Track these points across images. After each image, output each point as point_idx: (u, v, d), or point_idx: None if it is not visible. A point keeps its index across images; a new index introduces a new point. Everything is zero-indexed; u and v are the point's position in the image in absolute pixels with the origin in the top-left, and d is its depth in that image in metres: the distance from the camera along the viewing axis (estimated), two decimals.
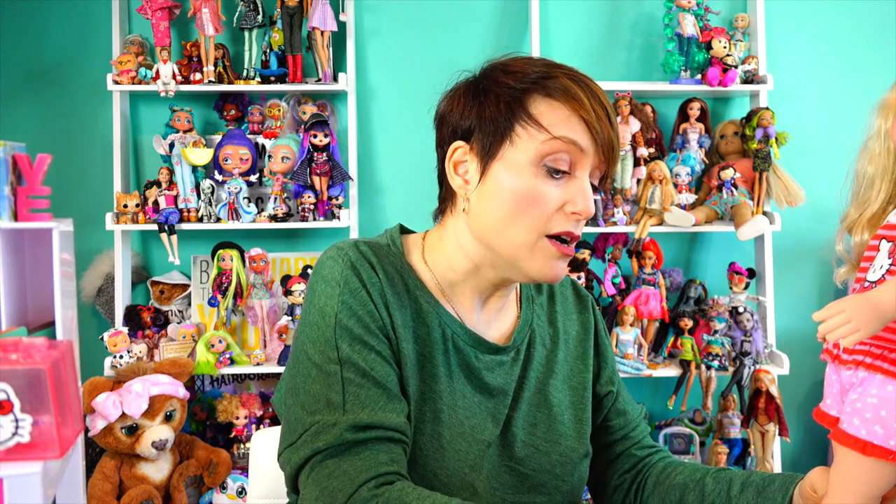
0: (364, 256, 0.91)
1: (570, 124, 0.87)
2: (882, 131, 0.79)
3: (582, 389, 1.04)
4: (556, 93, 0.88)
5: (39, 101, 2.42)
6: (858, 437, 0.70)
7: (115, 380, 1.97)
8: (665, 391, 2.52)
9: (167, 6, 2.25)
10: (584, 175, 0.89)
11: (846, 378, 0.74)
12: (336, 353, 0.86)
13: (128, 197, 2.24)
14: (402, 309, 0.91)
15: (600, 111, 0.88)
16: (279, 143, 2.28)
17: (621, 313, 2.28)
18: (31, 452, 0.47)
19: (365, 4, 2.45)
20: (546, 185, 0.87)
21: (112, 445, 1.92)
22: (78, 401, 0.64)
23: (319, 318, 0.88)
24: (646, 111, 2.32)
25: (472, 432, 0.92)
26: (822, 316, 0.69)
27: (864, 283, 0.75)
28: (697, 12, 2.33)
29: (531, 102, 0.88)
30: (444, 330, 0.94)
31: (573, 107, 0.87)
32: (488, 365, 0.96)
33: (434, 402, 0.91)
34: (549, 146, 0.87)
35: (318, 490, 0.80)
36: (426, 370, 0.91)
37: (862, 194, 0.82)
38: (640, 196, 2.31)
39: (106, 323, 2.38)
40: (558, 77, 0.89)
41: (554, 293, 1.09)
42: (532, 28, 2.39)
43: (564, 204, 0.87)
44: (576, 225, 0.89)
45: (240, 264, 2.25)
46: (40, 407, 0.48)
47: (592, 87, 0.90)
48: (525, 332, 1.02)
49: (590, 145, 0.88)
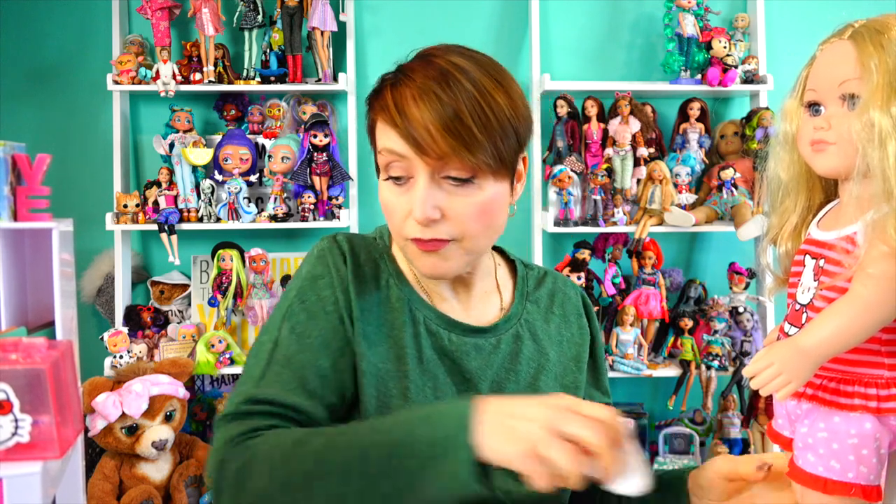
0: (338, 246, 0.98)
1: (386, 132, 0.88)
2: (790, 138, 0.77)
3: (574, 389, 1.03)
4: (378, 108, 0.90)
5: (39, 101, 2.42)
6: (816, 474, 0.68)
7: (115, 380, 1.97)
8: (665, 391, 2.51)
9: (167, 6, 2.25)
10: (419, 179, 0.87)
11: (791, 408, 0.73)
12: (276, 335, 0.91)
13: (128, 197, 2.24)
14: (365, 295, 0.95)
15: (416, 111, 0.85)
16: (279, 143, 2.28)
17: (621, 313, 2.28)
18: (31, 452, 0.47)
19: (365, 4, 2.45)
20: (393, 194, 0.90)
21: (112, 445, 1.92)
22: (78, 401, 0.64)
23: (282, 301, 0.96)
24: (646, 111, 2.31)
25: None
26: (752, 371, 0.67)
27: (795, 306, 0.73)
28: (697, 12, 2.33)
29: (376, 119, 0.91)
30: (414, 314, 0.96)
31: (383, 117, 0.88)
32: (464, 348, 0.97)
33: (401, 380, 0.92)
34: (381, 159, 0.90)
35: (210, 450, 0.87)
36: (395, 352, 0.94)
37: (780, 204, 0.80)
38: (640, 196, 2.31)
39: (106, 323, 2.38)
40: (382, 86, 0.90)
41: (555, 293, 1.09)
42: (532, 28, 2.39)
43: (411, 210, 0.88)
44: (422, 230, 0.88)
45: (240, 264, 2.25)
46: (40, 407, 0.48)
47: (413, 81, 0.87)
48: (512, 324, 1.02)
49: (405, 148, 0.86)
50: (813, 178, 0.77)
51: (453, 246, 0.90)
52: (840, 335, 0.64)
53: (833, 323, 0.64)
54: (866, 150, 0.66)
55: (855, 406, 0.66)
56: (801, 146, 0.74)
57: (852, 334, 0.65)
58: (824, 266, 0.69)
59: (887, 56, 0.67)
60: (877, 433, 0.66)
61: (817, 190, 0.78)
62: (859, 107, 0.67)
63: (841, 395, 0.67)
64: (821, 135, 0.70)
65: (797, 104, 0.76)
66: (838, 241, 0.68)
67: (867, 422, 0.66)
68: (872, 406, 0.66)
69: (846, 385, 0.68)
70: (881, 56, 0.67)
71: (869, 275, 0.64)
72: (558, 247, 2.53)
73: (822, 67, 0.73)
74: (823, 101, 0.71)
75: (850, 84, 0.69)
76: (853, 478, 0.67)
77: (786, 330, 0.73)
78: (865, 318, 0.64)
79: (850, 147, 0.68)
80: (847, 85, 0.69)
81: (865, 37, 0.69)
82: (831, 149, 0.70)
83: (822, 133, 0.70)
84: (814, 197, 0.78)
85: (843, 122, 0.68)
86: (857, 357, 0.67)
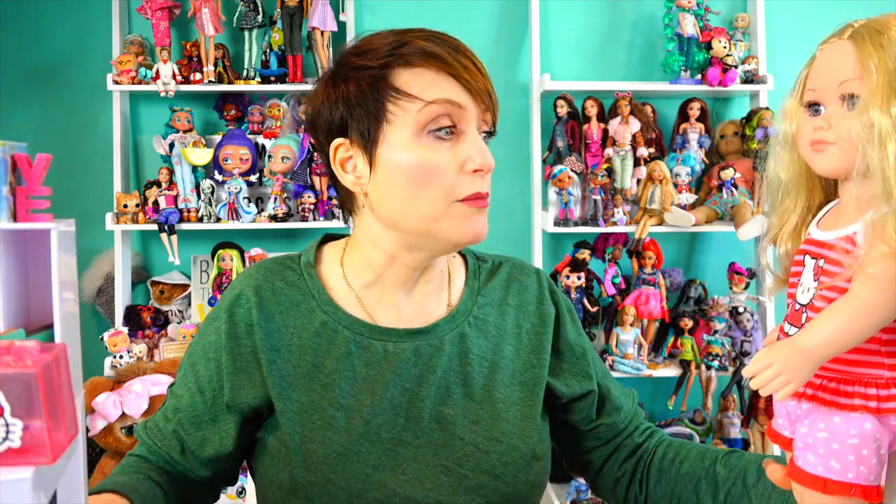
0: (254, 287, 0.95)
1: (440, 84, 0.84)
2: (790, 138, 0.76)
3: (533, 385, 0.96)
4: (415, 57, 0.85)
5: (39, 101, 2.43)
6: (816, 474, 0.67)
7: (115, 380, 1.97)
8: (665, 391, 2.51)
9: (167, 6, 2.26)
10: (472, 129, 0.86)
11: (791, 408, 0.72)
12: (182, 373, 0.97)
13: (128, 197, 2.24)
14: (278, 332, 0.92)
15: (466, 61, 0.86)
16: (279, 143, 2.28)
17: (621, 313, 2.28)
18: (22, 458, 0.47)
19: (365, 4, 2.45)
20: (437, 152, 0.84)
21: (112, 445, 1.92)
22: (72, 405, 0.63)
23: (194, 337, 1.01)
24: (646, 111, 2.31)
25: (377, 431, 0.90)
26: (752, 371, 0.66)
27: (795, 306, 0.72)
28: (697, 12, 2.33)
29: (394, 76, 0.86)
30: (342, 334, 0.92)
31: (437, 66, 0.85)
32: (403, 355, 0.92)
33: (324, 410, 0.89)
34: (426, 113, 0.84)
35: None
36: (318, 379, 0.91)
37: (780, 204, 0.78)
38: (640, 196, 2.31)
39: (106, 323, 2.39)
40: (411, 41, 0.86)
41: (510, 283, 1.02)
42: (532, 28, 2.38)
43: (463, 164, 0.85)
44: (481, 182, 0.86)
45: (240, 264, 2.26)
46: (31, 412, 0.47)
47: (450, 42, 0.88)
48: (457, 323, 0.96)
49: (467, 98, 0.85)
50: (813, 178, 0.77)
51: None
52: (840, 335, 0.65)
53: (833, 323, 0.64)
54: (866, 150, 0.66)
55: (855, 406, 0.66)
56: (800, 146, 0.74)
57: (852, 334, 0.65)
58: (824, 266, 0.69)
59: (887, 56, 0.67)
60: (877, 433, 0.66)
61: (817, 190, 0.78)
62: (859, 107, 0.67)
63: (841, 395, 0.67)
64: (820, 135, 0.70)
65: (797, 104, 0.75)
66: (838, 241, 0.68)
67: (867, 422, 0.66)
68: (872, 406, 0.66)
69: (846, 385, 0.68)
70: (881, 56, 0.67)
71: (869, 275, 0.64)
72: (558, 247, 2.52)
73: (821, 67, 0.72)
74: (823, 101, 0.71)
75: (850, 84, 0.68)
76: (853, 478, 0.67)
77: (786, 330, 0.73)
78: (865, 319, 0.64)
79: (849, 147, 0.68)
80: (847, 85, 0.69)
81: (865, 37, 0.69)
82: (831, 149, 0.69)
83: (822, 133, 0.70)
84: (814, 197, 0.78)
85: (842, 122, 0.68)
86: (857, 357, 0.67)
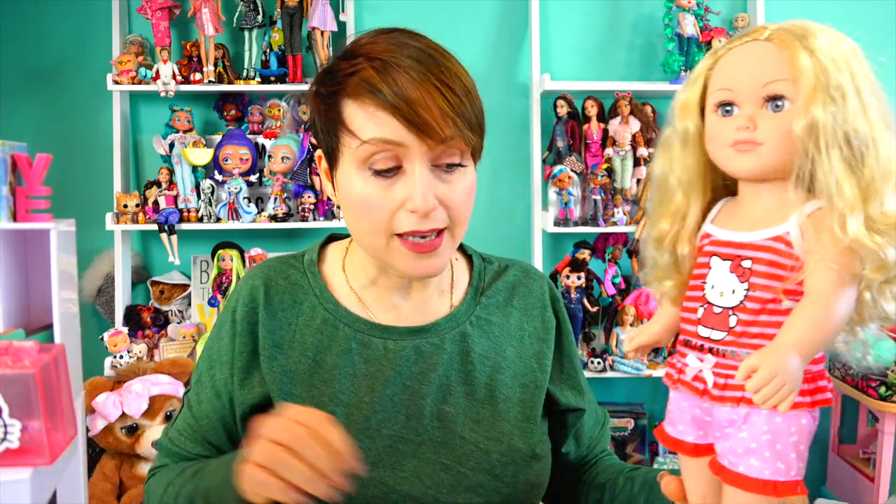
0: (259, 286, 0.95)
1: (379, 120, 0.80)
2: (692, 136, 0.73)
3: (534, 388, 0.97)
4: (358, 91, 0.81)
5: (39, 101, 2.43)
6: (765, 478, 0.66)
7: (115, 380, 1.97)
8: (665, 391, 2.49)
9: (167, 6, 2.25)
10: (416, 168, 0.81)
11: (724, 415, 0.69)
12: (197, 374, 0.98)
13: (128, 197, 2.24)
14: (281, 328, 0.93)
15: (416, 93, 0.79)
16: (279, 143, 2.28)
17: (621, 313, 2.28)
18: (21, 458, 0.47)
19: (365, 4, 2.45)
20: (377, 188, 0.82)
21: (112, 445, 1.92)
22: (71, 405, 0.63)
23: (209, 335, 1.00)
24: (646, 111, 2.31)
25: (377, 428, 0.90)
26: (756, 386, 0.62)
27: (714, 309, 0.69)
28: (697, 12, 2.33)
29: (342, 106, 0.84)
30: (343, 331, 0.93)
31: (375, 102, 0.80)
32: (403, 353, 0.92)
33: (325, 406, 0.89)
34: (363, 151, 0.82)
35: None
36: (319, 375, 0.91)
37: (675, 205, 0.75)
38: (640, 196, 2.30)
39: (106, 323, 2.39)
40: (361, 70, 0.82)
41: (516, 286, 1.03)
42: (532, 28, 2.38)
43: (404, 202, 0.82)
44: (422, 221, 0.82)
45: (240, 264, 2.26)
46: (29, 412, 0.48)
47: (400, 63, 0.81)
48: (458, 322, 0.96)
49: (407, 136, 0.80)
50: (708, 178, 0.75)
51: (447, 236, 0.86)
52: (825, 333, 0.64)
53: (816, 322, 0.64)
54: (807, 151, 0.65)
55: (795, 404, 0.66)
56: (712, 147, 0.71)
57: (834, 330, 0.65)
58: (754, 267, 0.68)
59: (818, 59, 0.67)
60: (809, 427, 0.67)
61: (709, 189, 0.76)
62: (797, 107, 0.66)
63: None
64: (747, 135, 0.68)
65: (697, 102, 0.74)
66: (768, 242, 0.68)
67: (803, 417, 0.66)
68: (807, 401, 0.66)
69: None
70: (813, 59, 0.67)
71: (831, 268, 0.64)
72: (558, 247, 2.52)
73: (739, 67, 0.70)
74: (740, 102, 0.69)
75: (776, 85, 0.68)
76: (795, 475, 0.67)
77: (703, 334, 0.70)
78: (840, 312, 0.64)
79: (781, 147, 0.67)
80: (773, 86, 0.68)
81: (793, 39, 0.69)
82: (761, 149, 0.68)
83: (749, 133, 0.68)
84: (707, 196, 0.76)
85: (772, 123, 0.68)
86: None
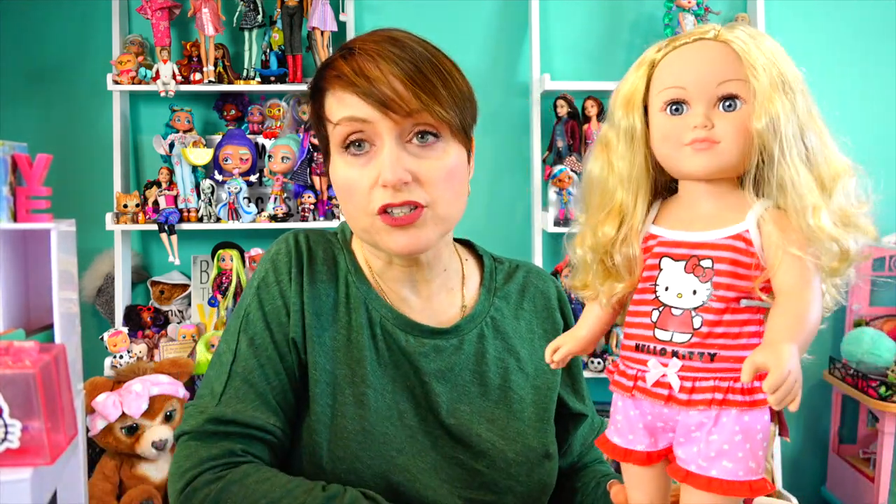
0: (294, 247, 0.95)
1: (345, 102, 0.85)
2: (637, 134, 0.72)
3: (546, 390, 0.99)
4: (330, 80, 0.87)
5: (39, 101, 2.43)
6: (739, 479, 0.66)
7: (115, 380, 1.97)
8: None
9: (167, 6, 2.25)
10: (387, 142, 0.85)
11: (691, 419, 0.67)
12: (235, 346, 0.91)
13: (128, 197, 2.24)
14: (321, 298, 0.93)
15: (375, 71, 0.84)
16: (279, 143, 2.28)
17: None
18: (21, 458, 0.47)
19: (365, 4, 2.45)
20: (353, 168, 0.87)
21: (112, 445, 1.92)
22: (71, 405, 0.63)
23: (238, 308, 0.95)
24: None
25: (400, 416, 0.91)
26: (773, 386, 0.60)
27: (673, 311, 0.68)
28: (697, 12, 2.32)
29: (324, 100, 0.90)
30: (371, 314, 0.94)
31: (341, 85, 0.86)
32: (422, 350, 0.93)
33: (357, 386, 0.90)
34: (336, 134, 0.87)
35: (175, 466, 0.86)
36: (352, 354, 0.92)
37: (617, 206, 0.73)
38: None
39: (106, 323, 2.39)
40: (334, 62, 0.88)
41: (527, 287, 1.04)
42: (532, 28, 2.38)
43: (378, 178, 0.85)
44: (393, 194, 0.84)
45: (240, 264, 2.26)
46: (30, 412, 0.48)
47: (365, 48, 0.86)
48: (476, 323, 0.98)
49: (371, 112, 0.84)
50: (650, 177, 0.73)
51: (428, 213, 0.87)
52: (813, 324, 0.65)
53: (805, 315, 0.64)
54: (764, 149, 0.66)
55: (760, 402, 0.66)
56: (664, 146, 0.70)
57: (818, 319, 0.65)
58: (717, 266, 0.67)
59: (770, 60, 0.67)
60: (770, 425, 0.67)
61: (652, 188, 0.75)
62: (756, 106, 0.66)
63: (747, 392, 0.66)
64: (705, 133, 0.68)
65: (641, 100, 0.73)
66: (727, 241, 0.67)
67: (765, 414, 0.67)
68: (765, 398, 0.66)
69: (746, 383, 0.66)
70: (767, 58, 0.67)
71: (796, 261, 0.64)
72: (558, 247, 2.52)
73: (690, 66, 0.70)
74: (692, 101, 0.69)
75: (730, 85, 0.68)
76: (762, 472, 0.67)
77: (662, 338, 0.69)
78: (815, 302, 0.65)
79: (737, 145, 0.67)
80: (727, 86, 0.68)
81: (745, 40, 0.69)
82: (718, 147, 0.68)
83: (707, 132, 0.68)
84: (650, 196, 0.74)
85: (727, 122, 0.68)
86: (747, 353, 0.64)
